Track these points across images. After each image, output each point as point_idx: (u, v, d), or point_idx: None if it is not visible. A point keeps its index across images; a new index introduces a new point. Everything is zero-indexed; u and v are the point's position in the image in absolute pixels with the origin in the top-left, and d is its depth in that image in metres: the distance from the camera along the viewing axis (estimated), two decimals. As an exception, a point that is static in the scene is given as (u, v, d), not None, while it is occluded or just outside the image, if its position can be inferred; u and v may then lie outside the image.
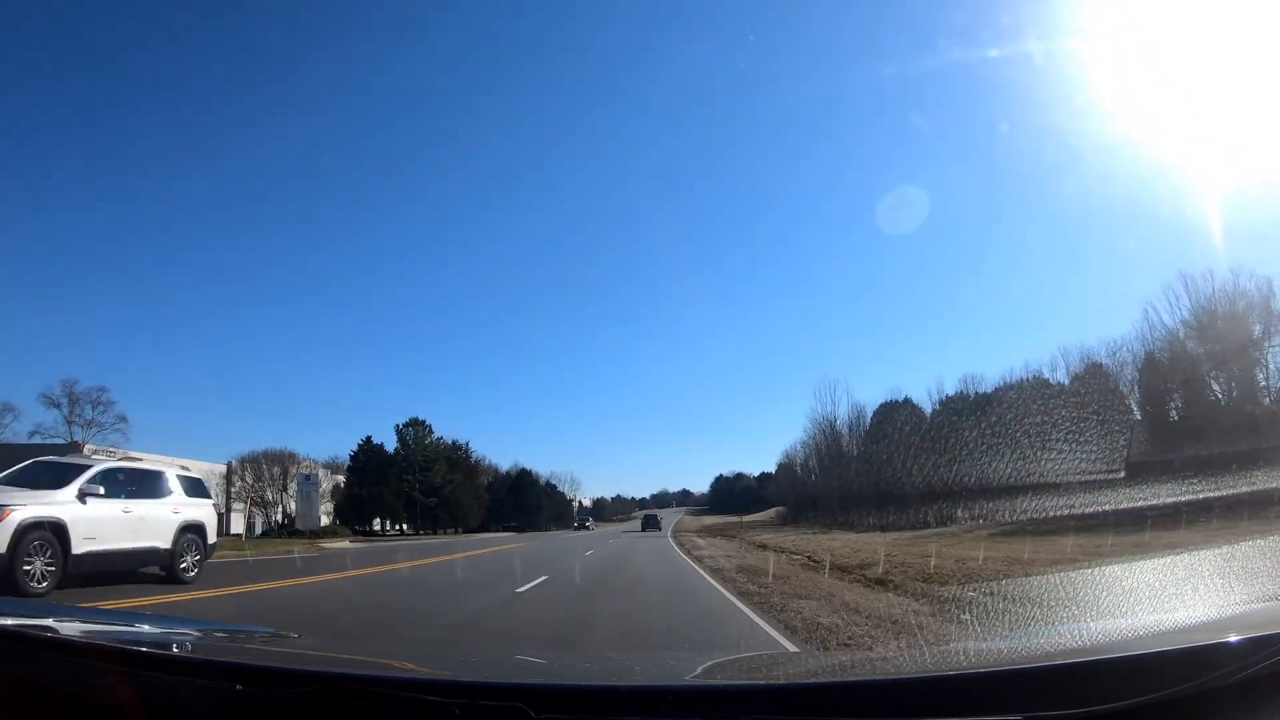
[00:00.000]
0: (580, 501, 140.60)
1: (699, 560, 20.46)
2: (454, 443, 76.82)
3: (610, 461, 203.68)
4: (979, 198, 78.36)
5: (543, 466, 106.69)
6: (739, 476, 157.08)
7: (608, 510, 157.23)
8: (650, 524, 67.17)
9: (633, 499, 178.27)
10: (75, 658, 1.59)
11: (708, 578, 14.87)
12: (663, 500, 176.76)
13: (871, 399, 59.36)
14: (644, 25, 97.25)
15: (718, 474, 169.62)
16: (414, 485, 67.69)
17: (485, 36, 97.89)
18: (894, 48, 66.17)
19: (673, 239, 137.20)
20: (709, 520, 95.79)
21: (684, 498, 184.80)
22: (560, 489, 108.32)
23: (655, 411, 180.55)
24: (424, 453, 70.02)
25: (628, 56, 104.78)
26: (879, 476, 39.77)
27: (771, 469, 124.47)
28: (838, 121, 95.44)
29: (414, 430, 71.57)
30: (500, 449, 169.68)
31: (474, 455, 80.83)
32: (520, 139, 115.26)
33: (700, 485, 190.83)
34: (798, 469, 69.40)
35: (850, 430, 55.97)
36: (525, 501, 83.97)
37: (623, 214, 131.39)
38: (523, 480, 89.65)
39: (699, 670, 2.20)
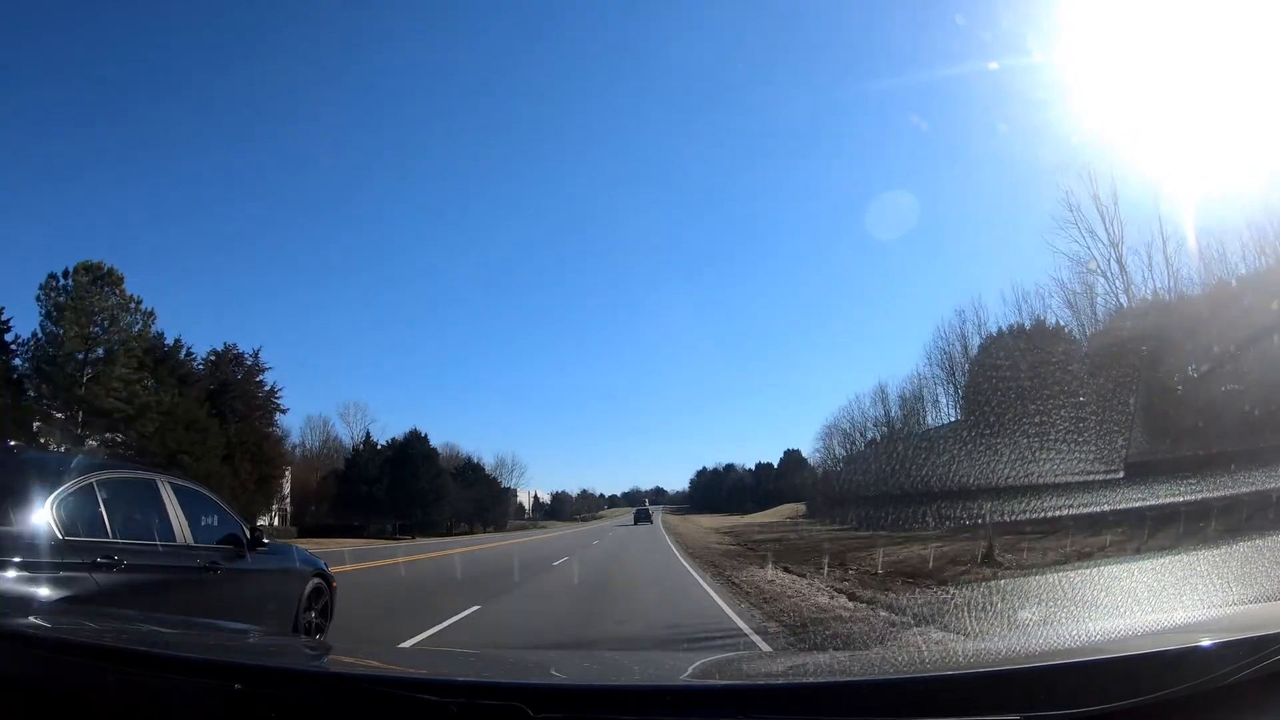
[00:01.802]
0: (536, 496, 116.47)
1: None
2: (235, 348, 38.42)
3: (578, 458, 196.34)
4: (966, 202, 78.21)
5: (491, 457, 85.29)
6: (729, 469, 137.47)
7: (569, 507, 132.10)
8: (643, 518, 70.18)
9: (601, 495, 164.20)
10: (73, 657, 1.59)
11: None
12: (634, 499, 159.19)
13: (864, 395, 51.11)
14: (639, 21, 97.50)
15: (700, 467, 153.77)
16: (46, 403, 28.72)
17: (478, 35, 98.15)
18: (884, 52, 66.13)
19: (645, 235, 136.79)
20: (709, 521, 71.33)
21: (658, 496, 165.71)
22: (495, 476, 75.60)
23: (629, 408, 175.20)
24: (108, 338, 30.00)
25: (622, 53, 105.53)
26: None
27: (773, 459, 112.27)
28: (827, 123, 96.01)
29: (77, 288, 29.67)
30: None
31: (268, 378, 39.38)
32: (506, 132, 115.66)
33: (674, 483, 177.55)
34: (836, 452, 52.53)
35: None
36: (413, 485, 48.92)
37: (597, 206, 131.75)
38: (409, 452, 51.66)
39: (697, 670, 2.21)
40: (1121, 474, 19.52)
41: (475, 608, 9.67)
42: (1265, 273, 23.39)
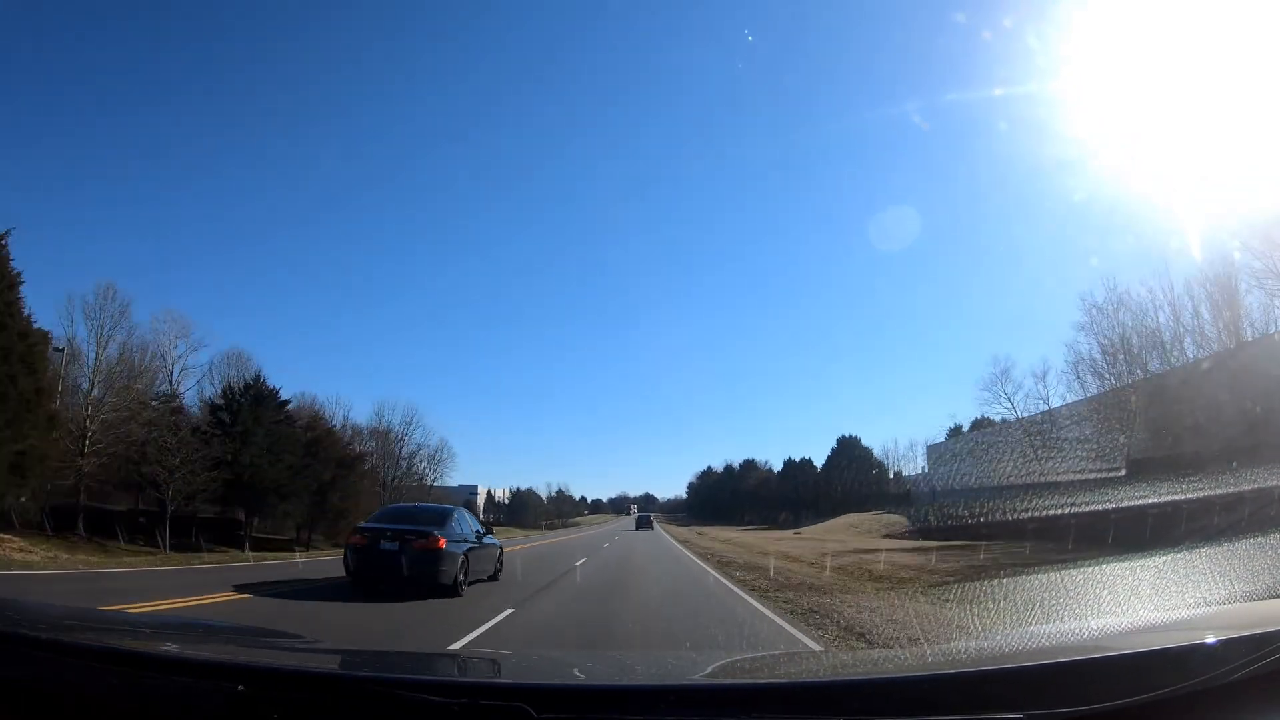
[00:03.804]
0: (490, 493, 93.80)
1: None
2: None
3: (556, 458, 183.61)
4: (966, 216, 77.80)
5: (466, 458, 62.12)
6: (748, 467, 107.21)
7: (535, 511, 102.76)
8: (644, 524, 71.47)
9: (583, 499, 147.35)
10: (77, 659, 1.59)
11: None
12: (620, 505, 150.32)
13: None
14: (644, 37, 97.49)
15: (705, 466, 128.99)
16: None
17: (495, 47, 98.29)
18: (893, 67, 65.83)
19: (629, 228, 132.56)
20: (749, 538, 44.34)
21: (648, 503, 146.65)
22: (341, 432, 40.81)
23: (614, 407, 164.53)
24: None
25: (634, 60, 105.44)
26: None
27: (811, 455, 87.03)
28: (828, 134, 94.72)
29: None
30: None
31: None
32: (512, 138, 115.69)
33: (664, 489, 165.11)
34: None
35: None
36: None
37: (582, 200, 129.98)
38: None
39: (702, 670, 2.21)
40: None
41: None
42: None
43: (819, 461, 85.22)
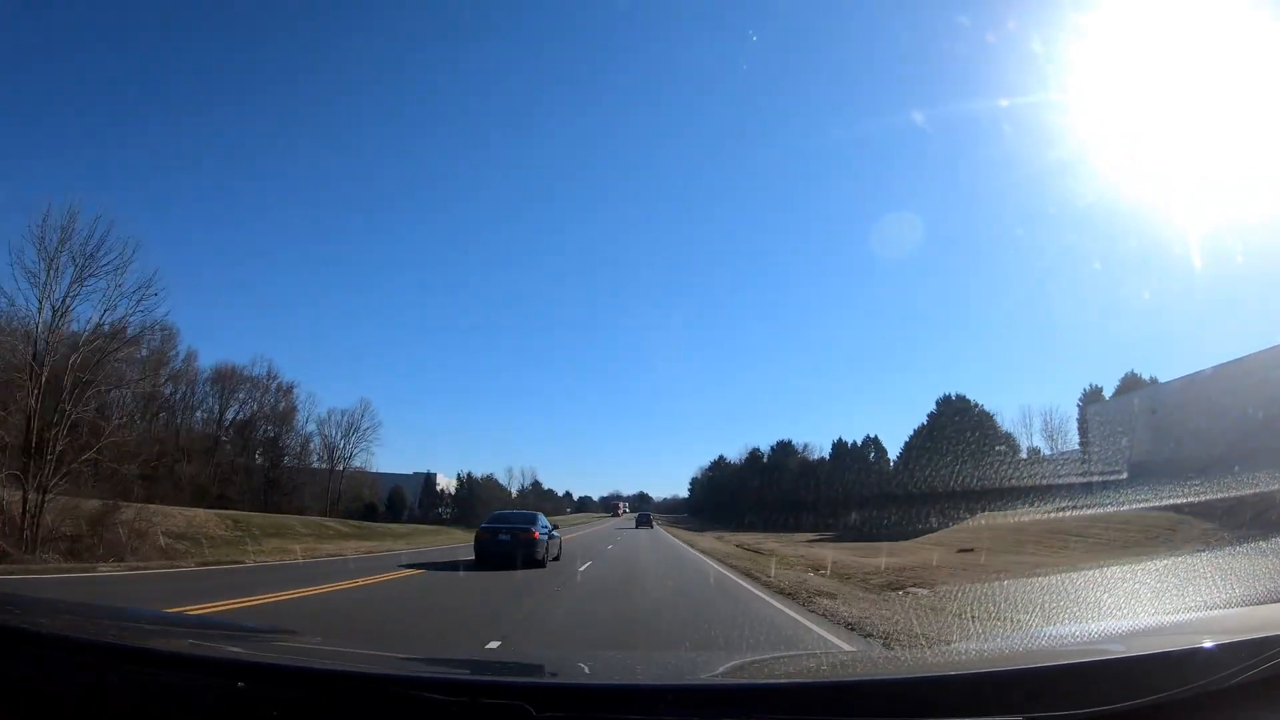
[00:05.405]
0: (431, 479, 70.82)
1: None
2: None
3: (546, 456, 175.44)
4: (970, 226, 77.23)
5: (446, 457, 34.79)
6: (783, 451, 79.15)
7: (496, 505, 52.09)
8: (644, 523, 71.37)
9: (567, 494, 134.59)
10: (77, 655, 1.59)
11: None
12: (611, 504, 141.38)
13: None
14: (644, 37, 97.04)
15: (716, 456, 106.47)
16: None
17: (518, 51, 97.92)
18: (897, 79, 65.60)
19: (624, 219, 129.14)
20: (837, 556, 19.51)
21: (643, 502, 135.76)
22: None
23: (602, 403, 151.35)
24: None
25: (632, 60, 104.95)
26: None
27: (884, 434, 63.43)
28: (830, 143, 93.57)
29: None
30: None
31: None
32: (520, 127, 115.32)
33: (663, 489, 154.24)
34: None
35: None
36: None
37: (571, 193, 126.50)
38: None
39: (702, 670, 2.21)
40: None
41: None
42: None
43: (889, 441, 61.73)
